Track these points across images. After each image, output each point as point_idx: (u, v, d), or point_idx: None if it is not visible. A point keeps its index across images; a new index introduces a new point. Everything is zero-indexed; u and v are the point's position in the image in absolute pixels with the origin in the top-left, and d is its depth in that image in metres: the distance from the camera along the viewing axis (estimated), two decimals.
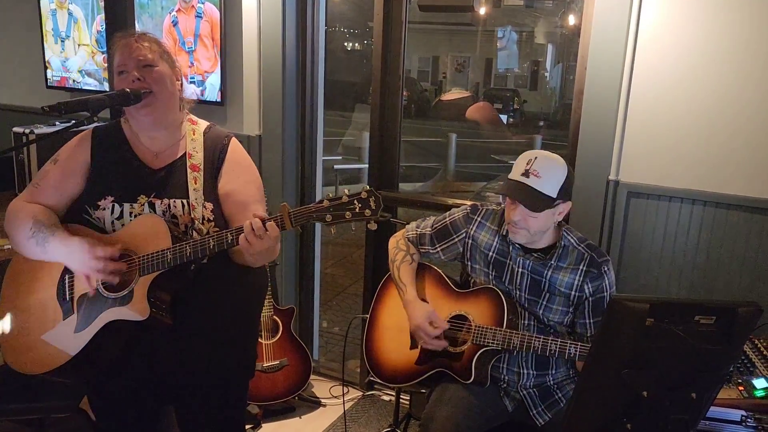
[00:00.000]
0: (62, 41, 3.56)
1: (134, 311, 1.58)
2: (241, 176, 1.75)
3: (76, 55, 3.55)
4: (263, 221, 1.51)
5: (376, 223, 1.51)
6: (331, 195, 1.50)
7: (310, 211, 1.49)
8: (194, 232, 1.64)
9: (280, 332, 2.94)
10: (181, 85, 1.76)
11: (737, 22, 2.13)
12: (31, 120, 3.27)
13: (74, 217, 1.71)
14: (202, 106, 2.68)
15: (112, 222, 1.67)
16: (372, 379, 3.09)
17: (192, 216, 1.65)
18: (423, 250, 2.18)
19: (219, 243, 1.56)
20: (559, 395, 2.02)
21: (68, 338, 1.64)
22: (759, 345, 1.96)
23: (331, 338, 4.11)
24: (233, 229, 1.56)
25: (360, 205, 1.47)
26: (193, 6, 3.03)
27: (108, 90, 3.34)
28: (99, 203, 1.68)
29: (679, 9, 2.20)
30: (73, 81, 3.60)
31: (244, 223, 1.52)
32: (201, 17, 3.04)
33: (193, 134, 1.75)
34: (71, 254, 1.60)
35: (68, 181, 1.72)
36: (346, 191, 1.49)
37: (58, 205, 1.73)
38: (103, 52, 3.42)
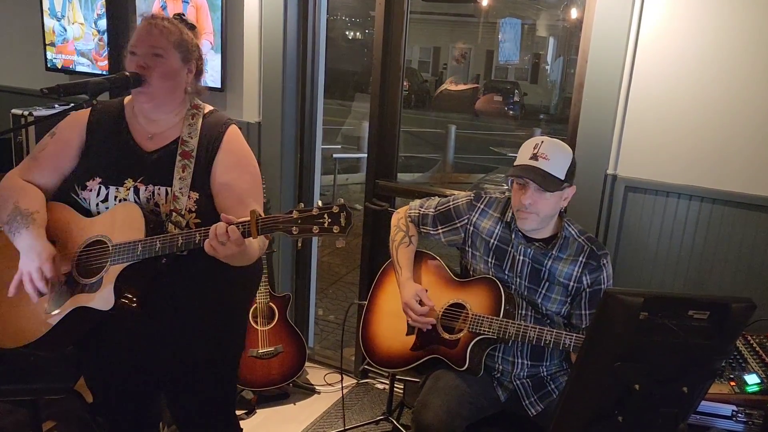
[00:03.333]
0: (58, 20, 3.56)
1: (99, 300, 1.56)
2: (236, 167, 1.69)
3: (70, 35, 3.55)
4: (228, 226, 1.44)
5: (344, 240, 1.41)
6: (302, 205, 1.43)
7: (278, 221, 1.41)
8: (170, 224, 1.59)
9: (276, 319, 2.95)
10: (196, 73, 1.72)
11: (738, 18, 2.13)
12: (30, 102, 3.25)
13: (62, 195, 1.70)
14: None
15: (97, 204, 1.65)
16: (367, 366, 3.11)
17: (173, 207, 1.60)
18: (424, 231, 2.19)
19: (187, 242, 1.51)
20: (552, 386, 2.03)
21: (39, 317, 1.63)
22: (752, 341, 1.97)
23: (326, 326, 4.13)
24: (202, 229, 1.50)
25: (330, 220, 1.39)
26: None
27: (106, 72, 3.36)
28: (87, 183, 1.66)
29: (681, 5, 2.20)
30: (69, 62, 3.59)
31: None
32: (188, 2, 3.06)
33: (192, 119, 1.70)
34: (28, 253, 1.58)
35: (63, 157, 1.70)
36: (319, 203, 1.42)
37: (51, 182, 1.71)
38: (102, 33, 3.40)
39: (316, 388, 3.10)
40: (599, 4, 2.30)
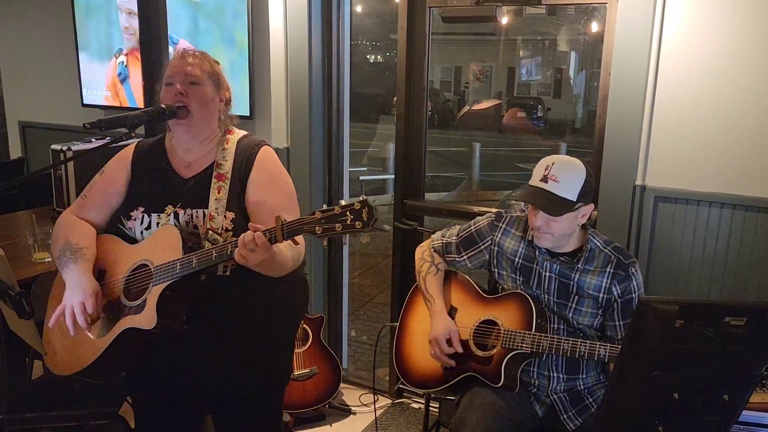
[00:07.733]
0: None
1: (143, 320, 1.61)
2: (268, 185, 1.76)
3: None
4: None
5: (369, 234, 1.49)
6: (325, 206, 1.46)
7: (303, 223, 1.44)
8: (207, 242, 1.64)
9: (310, 341, 2.98)
10: (226, 103, 1.81)
11: (761, 23, 2.13)
12: (68, 137, 3.37)
13: (110, 227, 1.80)
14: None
15: (141, 232, 1.73)
16: (402, 386, 3.11)
17: (209, 226, 1.67)
18: (449, 259, 2.20)
19: (220, 255, 1.56)
20: (590, 400, 2.02)
21: (91, 343, 1.70)
22: None
23: (359, 347, 4.14)
24: (233, 240, 1.55)
25: (352, 217, 1.41)
26: None
27: (142, 106, 3.47)
28: (131, 213, 1.74)
29: (703, 13, 2.20)
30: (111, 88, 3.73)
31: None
32: None
33: (226, 143, 1.78)
34: (74, 287, 1.66)
35: (111, 193, 1.81)
36: (342, 202, 1.46)
37: (102, 217, 1.82)
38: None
39: (352, 408, 3.11)
40: (620, 16, 2.32)
